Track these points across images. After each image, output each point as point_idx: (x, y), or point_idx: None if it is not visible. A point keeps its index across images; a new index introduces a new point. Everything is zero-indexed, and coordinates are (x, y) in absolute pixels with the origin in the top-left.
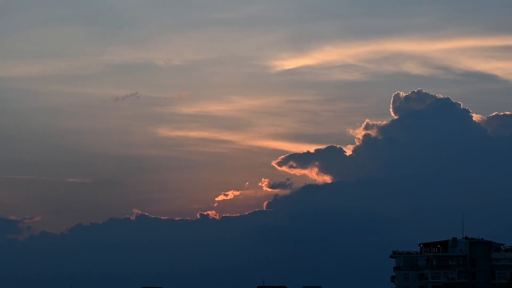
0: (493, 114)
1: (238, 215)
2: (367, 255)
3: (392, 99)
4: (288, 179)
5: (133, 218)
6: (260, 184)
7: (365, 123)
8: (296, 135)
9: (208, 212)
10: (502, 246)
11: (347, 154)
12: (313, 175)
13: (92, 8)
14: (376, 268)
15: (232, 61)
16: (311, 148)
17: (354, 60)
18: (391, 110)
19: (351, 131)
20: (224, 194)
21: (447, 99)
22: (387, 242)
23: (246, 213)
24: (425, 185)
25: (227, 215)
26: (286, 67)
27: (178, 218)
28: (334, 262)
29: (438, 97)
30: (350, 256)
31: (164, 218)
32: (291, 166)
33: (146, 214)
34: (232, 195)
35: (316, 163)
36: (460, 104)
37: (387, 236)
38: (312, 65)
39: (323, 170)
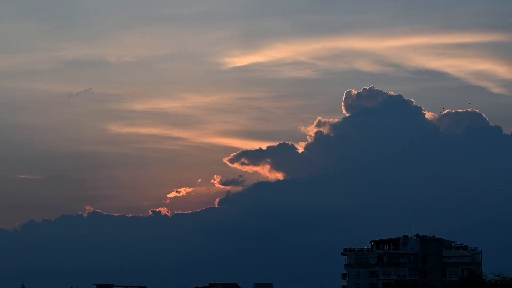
0: (445, 111)
1: (190, 212)
2: (319, 252)
3: (344, 96)
4: (240, 176)
5: (85, 214)
6: (212, 181)
7: (317, 121)
8: (248, 132)
9: (160, 208)
10: (453, 244)
11: (299, 151)
12: (265, 172)
13: (45, 4)
14: (327, 265)
15: (184, 58)
16: (263, 145)
17: (305, 57)
18: (343, 107)
19: (303, 128)
20: (176, 191)
21: (399, 96)
22: (339, 239)
23: (198, 210)
24: (376, 182)
25: (179, 212)
26: (238, 64)
27: (130, 215)
28: (286, 259)
29: (390, 95)
30: (302, 253)
31: (116, 214)
32: (243, 163)
33: (99, 210)
34: (184, 192)
35: (268, 160)
36: (412, 101)
37: (339, 233)
38: (263, 62)
39: (275, 167)
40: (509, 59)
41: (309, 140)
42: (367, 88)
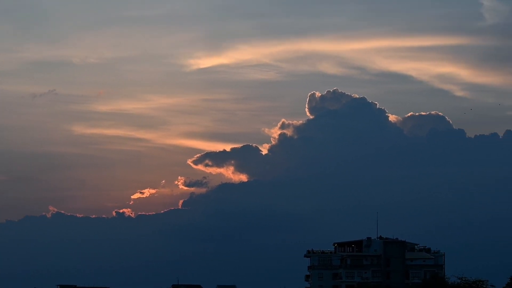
0: (409, 114)
1: (154, 213)
2: (282, 254)
3: (307, 98)
4: (204, 177)
5: (49, 215)
6: (176, 182)
7: (280, 123)
8: (211, 134)
9: (123, 210)
10: (416, 246)
11: (263, 153)
12: (229, 173)
13: (8, 4)
14: (290, 267)
15: (148, 60)
16: (227, 147)
17: (269, 59)
18: (306, 109)
19: (266, 130)
20: (140, 192)
21: (363, 99)
22: (302, 241)
23: (162, 211)
24: (340, 184)
25: (143, 213)
26: (202, 66)
27: (94, 216)
28: (249, 261)
29: (354, 97)
30: (265, 255)
31: (80, 215)
32: (207, 165)
33: (62, 211)
34: (148, 193)
35: (232, 162)
36: (376, 104)
37: (302, 235)
38: (227, 64)
39: (239, 169)
40: (472, 63)
41: (273, 142)
42: (331, 90)
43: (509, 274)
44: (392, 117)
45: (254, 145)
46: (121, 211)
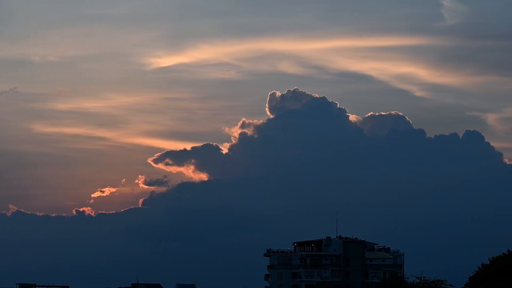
0: (369, 114)
1: (114, 212)
2: (242, 253)
3: (268, 98)
4: (164, 176)
5: (9, 214)
6: (136, 181)
7: (241, 122)
8: (172, 132)
9: (84, 208)
10: (375, 246)
11: (224, 152)
12: (190, 172)
13: None
14: (250, 267)
15: (109, 58)
16: (187, 146)
17: (230, 58)
18: (267, 109)
19: (227, 129)
20: (100, 191)
21: (323, 98)
22: (262, 240)
23: (122, 210)
24: (300, 184)
25: (103, 212)
26: (162, 65)
27: (54, 215)
28: (209, 260)
29: (314, 97)
30: (225, 254)
31: (40, 214)
32: (167, 164)
33: (22, 210)
34: (108, 192)
35: (193, 160)
36: (336, 103)
37: (262, 235)
38: (187, 63)
39: (200, 167)
40: (432, 63)
41: (233, 141)
42: (291, 90)
43: (468, 274)
44: (352, 117)
45: (214, 144)
46: (81, 209)
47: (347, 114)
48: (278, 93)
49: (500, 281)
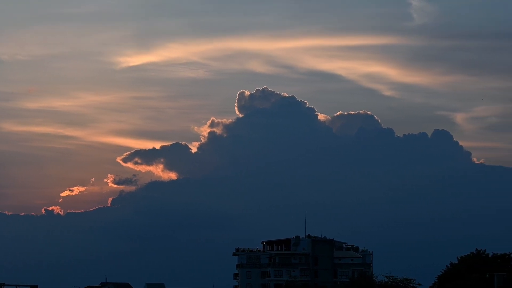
0: (338, 113)
1: (83, 211)
2: (211, 252)
3: (237, 97)
4: (133, 175)
5: None
6: (105, 180)
7: (210, 121)
8: (141, 131)
9: (53, 207)
10: (344, 245)
11: (193, 151)
12: (159, 171)
13: None
14: (219, 266)
15: (78, 57)
16: (157, 145)
17: (199, 57)
18: (236, 108)
19: (196, 128)
20: (69, 190)
21: (292, 97)
22: (231, 239)
23: (91, 209)
24: (269, 183)
25: (72, 211)
26: (131, 64)
27: (23, 213)
28: (178, 259)
29: (283, 96)
30: (194, 253)
31: (9, 213)
32: (136, 163)
33: None
34: (77, 191)
35: (162, 159)
36: (305, 102)
37: (231, 234)
38: (157, 62)
39: (169, 166)
40: (400, 62)
41: (203, 140)
42: (260, 89)
43: (436, 273)
44: (321, 116)
45: (183, 143)
46: (50, 208)
47: (316, 113)
48: (247, 92)
49: (468, 280)
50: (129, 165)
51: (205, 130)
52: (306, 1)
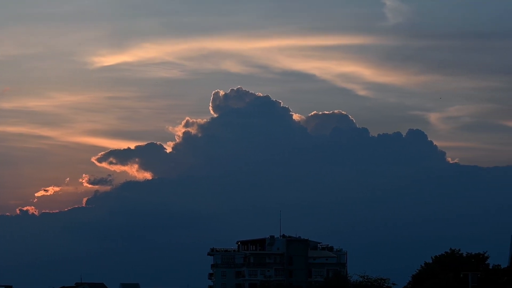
0: (312, 113)
1: (58, 211)
2: (186, 252)
3: (211, 97)
4: (108, 175)
5: None
6: (80, 180)
7: (185, 121)
8: (116, 131)
9: (27, 207)
10: (318, 245)
11: (167, 151)
12: (133, 171)
13: None
14: (194, 266)
15: (52, 57)
16: (131, 145)
17: (173, 57)
18: (210, 108)
19: (170, 128)
20: (44, 190)
21: (267, 97)
22: (206, 239)
23: (66, 209)
24: (244, 182)
25: (47, 211)
26: (106, 64)
27: None
28: (153, 259)
29: (258, 95)
30: (169, 253)
31: None
32: (111, 163)
33: None
34: (52, 191)
35: (136, 159)
36: (280, 102)
37: (206, 234)
38: (131, 62)
39: (143, 166)
40: (375, 62)
41: (177, 140)
42: (235, 89)
43: (411, 273)
44: (296, 116)
45: (158, 143)
46: (24, 208)
47: (290, 113)
48: (222, 92)
49: (442, 280)
50: (104, 165)
51: (179, 130)
52: (280, 1)
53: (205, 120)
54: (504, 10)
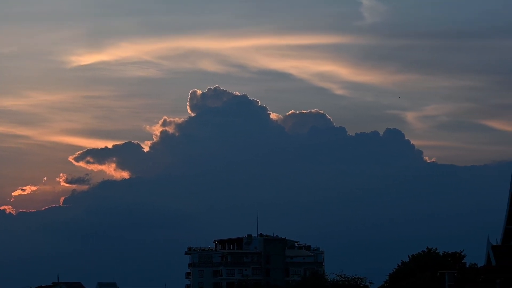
0: (290, 112)
1: (35, 210)
2: (163, 252)
3: (189, 96)
4: (86, 174)
5: None
6: (57, 179)
7: (162, 120)
8: (93, 130)
9: (4, 207)
10: (296, 244)
11: (145, 150)
12: (111, 171)
13: None
14: (171, 265)
15: (29, 56)
16: (109, 144)
17: (150, 56)
18: (188, 107)
19: (148, 127)
20: (21, 189)
21: (244, 96)
22: (183, 238)
23: (43, 208)
24: (221, 181)
25: (24, 210)
26: (82, 63)
27: None
28: (130, 258)
29: (235, 95)
30: (146, 253)
31: None
32: (88, 162)
33: None
34: (29, 190)
35: (114, 159)
36: (257, 101)
37: (184, 233)
38: (108, 61)
39: (121, 166)
40: (352, 61)
41: (155, 139)
42: (212, 88)
43: (388, 272)
44: (273, 115)
45: (135, 142)
46: (1, 208)
47: (268, 112)
48: (199, 91)
49: (419, 278)
50: (81, 164)
51: (157, 129)
52: (257, 0)
53: (182, 119)
54: (481, 9)
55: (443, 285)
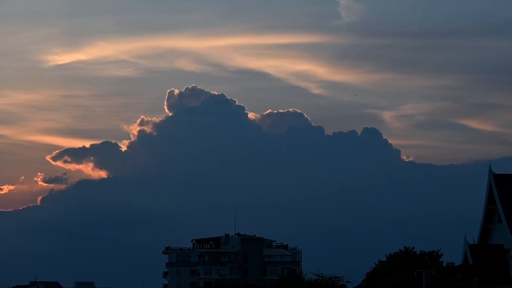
0: (267, 111)
1: (12, 209)
2: (141, 251)
3: (166, 95)
4: (64, 174)
5: None
6: (35, 178)
7: (140, 119)
8: (70, 130)
9: None
10: (273, 243)
11: (123, 149)
12: (89, 170)
13: None
14: (149, 264)
15: (5, 55)
16: (86, 143)
17: (128, 56)
18: (165, 106)
19: (125, 127)
20: None
21: (222, 95)
22: (160, 238)
23: (20, 207)
24: (199, 181)
25: (1, 209)
26: (60, 62)
27: None
28: (107, 257)
29: (213, 94)
30: (124, 252)
31: None
32: (66, 161)
33: None
34: (7, 190)
35: (92, 158)
36: (235, 101)
37: (161, 232)
38: (85, 60)
39: (99, 165)
40: (329, 60)
41: (132, 139)
42: (190, 87)
43: (365, 270)
44: (251, 115)
45: (113, 141)
46: None
47: (245, 111)
48: (176, 91)
49: (396, 278)
50: (59, 163)
51: (134, 129)
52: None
53: (160, 118)
54: (458, 9)
55: (420, 284)
